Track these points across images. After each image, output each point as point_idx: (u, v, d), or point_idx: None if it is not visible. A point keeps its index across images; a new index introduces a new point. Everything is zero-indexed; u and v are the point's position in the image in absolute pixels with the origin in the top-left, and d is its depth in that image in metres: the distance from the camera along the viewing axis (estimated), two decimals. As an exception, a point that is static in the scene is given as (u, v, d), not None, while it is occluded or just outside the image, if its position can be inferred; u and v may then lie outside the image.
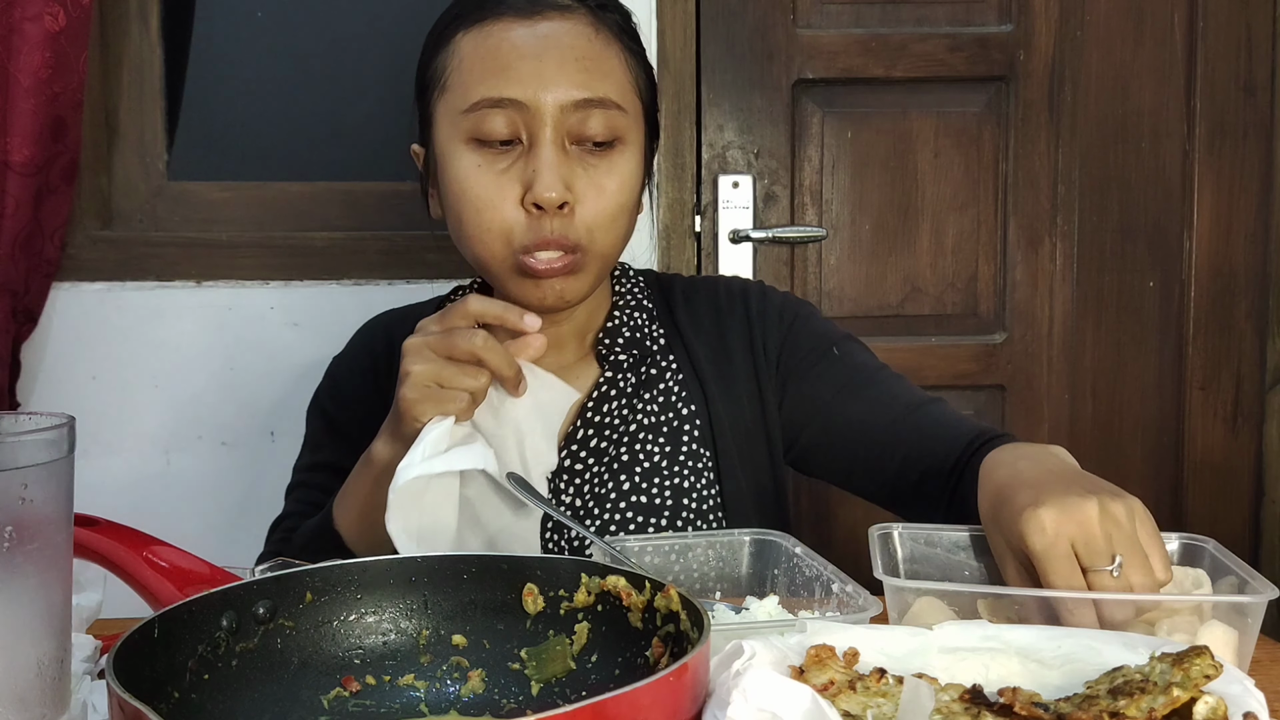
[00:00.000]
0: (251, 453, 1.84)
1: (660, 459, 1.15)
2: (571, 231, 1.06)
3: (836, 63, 1.91)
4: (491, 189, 1.06)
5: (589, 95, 1.06)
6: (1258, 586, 0.77)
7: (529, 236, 1.06)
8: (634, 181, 1.11)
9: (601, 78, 1.07)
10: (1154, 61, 1.94)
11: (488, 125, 1.06)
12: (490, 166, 1.07)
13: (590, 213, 1.07)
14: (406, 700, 0.73)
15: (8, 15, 1.61)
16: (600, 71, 1.07)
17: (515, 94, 1.05)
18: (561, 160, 1.06)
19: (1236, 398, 1.99)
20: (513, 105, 1.05)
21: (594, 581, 0.73)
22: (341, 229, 1.90)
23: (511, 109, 1.05)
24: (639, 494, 1.14)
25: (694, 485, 1.16)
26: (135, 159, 1.90)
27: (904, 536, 0.91)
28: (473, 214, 1.08)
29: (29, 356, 1.77)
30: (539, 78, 1.05)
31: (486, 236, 1.08)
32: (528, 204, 1.05)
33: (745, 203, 1.91)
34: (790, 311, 1.24)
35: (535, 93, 1.05)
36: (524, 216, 1.06)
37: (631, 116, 1.10)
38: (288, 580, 0.72)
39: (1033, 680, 0.68)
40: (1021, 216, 1.94)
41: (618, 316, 1.20)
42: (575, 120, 1.06)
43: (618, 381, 1.17)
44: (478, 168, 1.07)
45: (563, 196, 1.04)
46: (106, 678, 0.56)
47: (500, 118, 1.05)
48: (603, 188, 1.08)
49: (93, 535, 0.82)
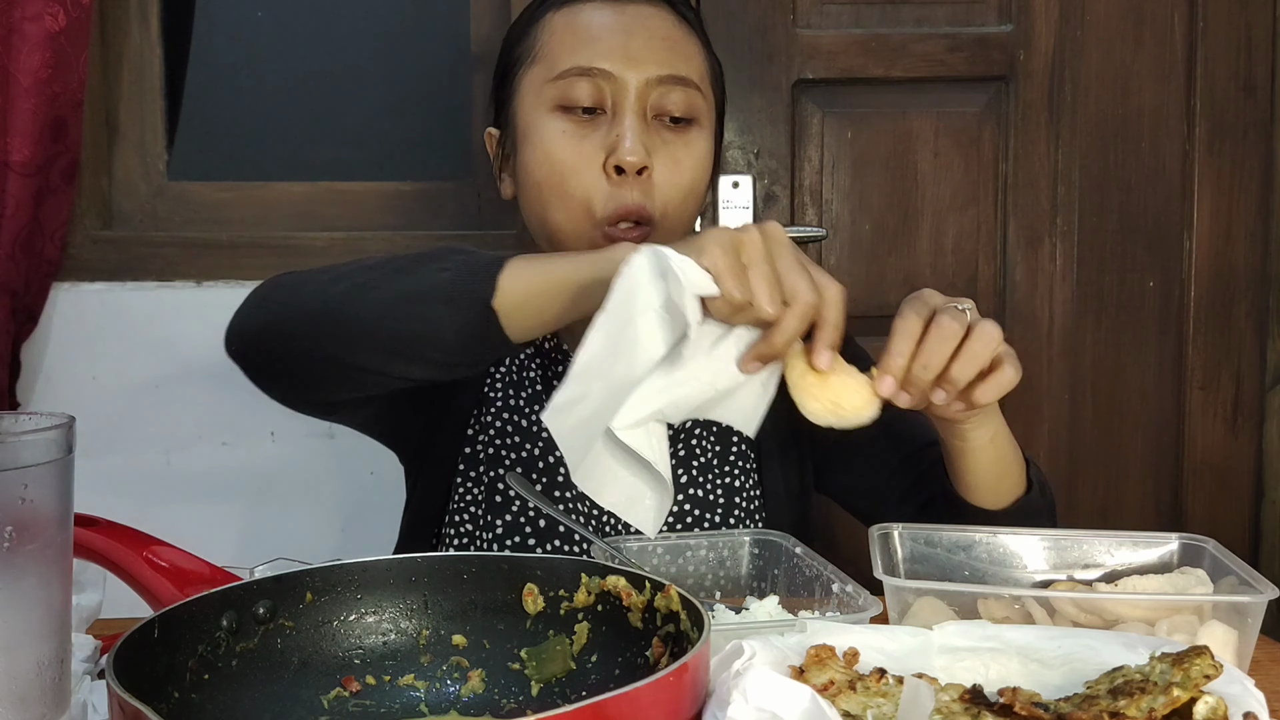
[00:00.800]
0: (251, 453, 1.84)
1: (712, 457, 1.18)
2: (649, 201, 1.09)
3: (836, 63, 1.91)
4: (575, 153, 1.09)
5: (672, 72, 1.10)
6: (1258, 586, 0.77)
7: (610, 205, 1.08)
8: (706, 163, 1.14)
9: (684, 59, 1.12)
10: (1154, 61, 1.94)
11: (575, 91, 1.10)
12: (576, 131, 1.10)
13: (667, 184, 1.10)
14: (406, 700, 0.73)
15: (8, 15, 1.61)
16: (683, 53, 1.13)
17: (603, 64, 1.09)
18: (646, 129, 1.10)
19: (1236, 398, 1.99)
20: (600, 75, 1.09)
21: (594, 581, 0.73)
22: (341, 229, 1.90)
23: (599, 78, 1.09)
24: (695, 487, 1.16)
25: (743, 485, 1.18)
26: (135, 159, 1.90)
27: (904, 536, 0.92)
28: (557, 180, 1.10)
29: (29, 356, 1.77)
30: (626, 51, 1.10)
31: (570, 203, 1.10)
32: (609, 168, 1.08)
33: (745, 203, 1.90)
34: None
35: (622, 65, 1.09)
36: (605, 183, 1.08)
37: (708, 104, 1.15)
38: (288, 580, 0.72)
39: (1033, 680, 0.68)
40: (1021, 216, 1.94)
41: None
42: (657, 95, 1.10)
43: None
44: (563, 133, 1.10)
45: (643, 160, 1.07)
46: (106, 678, 0.56)
47: (588, 85, 1.09)
48: (679, 161, 1.11)
49: (93, 535, 0.82)
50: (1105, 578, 0.89)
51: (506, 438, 1.16)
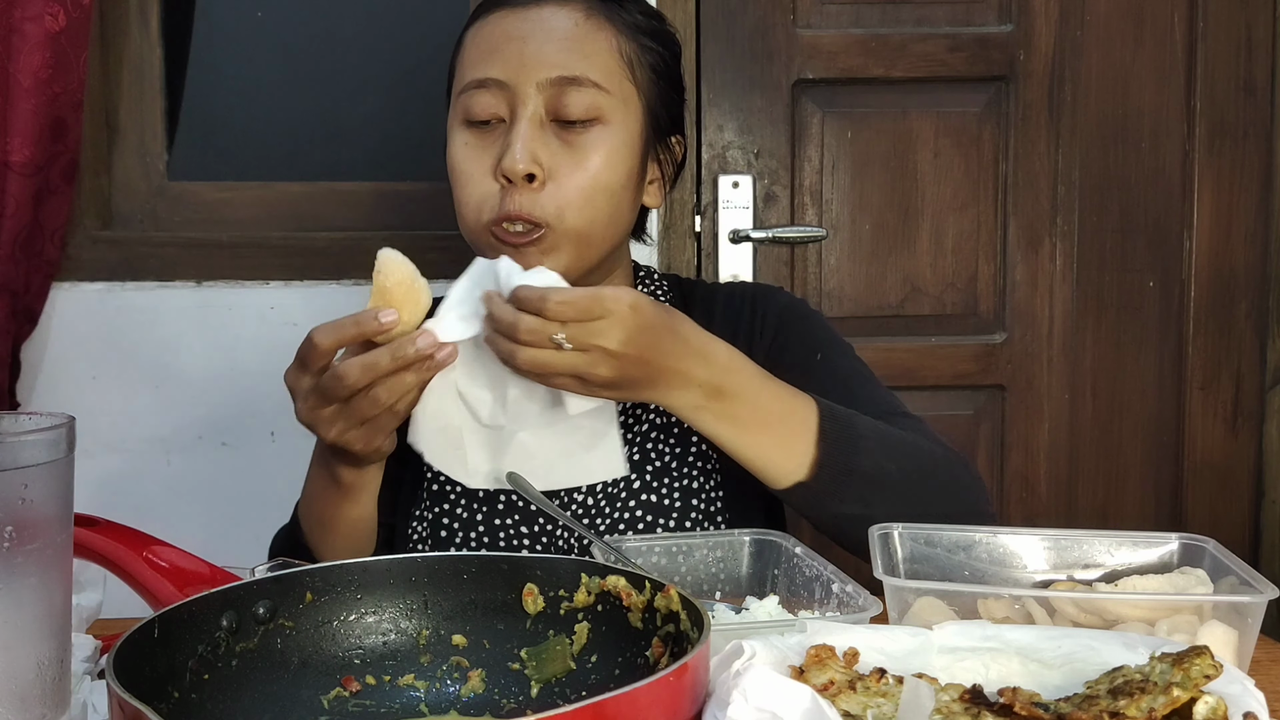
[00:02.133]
0: (251, 453, 1.84)
1: (670, 460, 1.16)
2: (538, 208, 1.07)
3: (836, 63, 1.91)
4: (471, 162, 1.11)
5: (565, 73, 1.09)
6: (1258, 586, 0.77)
7: (497, 209, 1.08)
8: (617, 161, 1.11)
9: (582, 58, 1.10)
10: (1154, 61, 1.94)
11: (474, 105, 1.10)
12: (476, 143, 1.11)
13: (563, 189, 1.08)
14: (406, 700, 0.73)
15: (8, 15, 1.61)
16: (581, 52, 1.10)
17: (497, 74, 1.09)
18: (535, 135, 1.08)
19: (1236, 398, 1.99)
20: (495, 85, 1.09)
21: (594, 581, 0.73)
22: (341, 229, 1.90)
23: (495, 88, 1.09)
24: (649, 493, 1.14)
25: (702, 486, 1.16)
26: (135, 159, 1.90)
27: (904, 536, 0.91)
28: (457, 188, 1.12)
29: (29, 356, 1.77)
30: (520, 58, 1.09)
31: (465, 210, 1.12)
32: (498, 176, 1.08)
33: (745, 203, 1.91)
34: (788, 314, 1.24)
35: (515, 72, 1.09)
36: (496, 189, 1.09)
37: (618, 99, 1.11)
38: (288, 580, 0.72)
39: (1033, 680, 0.68)
40: (1021, 216, 1.94)
41: None
42: (551, 97, 1.09)
43: None
44: (465, 145, 1.12)
45: (529, 168, 1.06)
46: (106, 678, 0.56)
47: (485, 97, 1.10)
48: (578, 163, 1.09)
49: (93, 535, 0.82)
50: (1105, 578, 0.89)
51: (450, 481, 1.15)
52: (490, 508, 1.14)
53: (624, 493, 1.14)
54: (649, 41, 1.16)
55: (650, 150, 1.17)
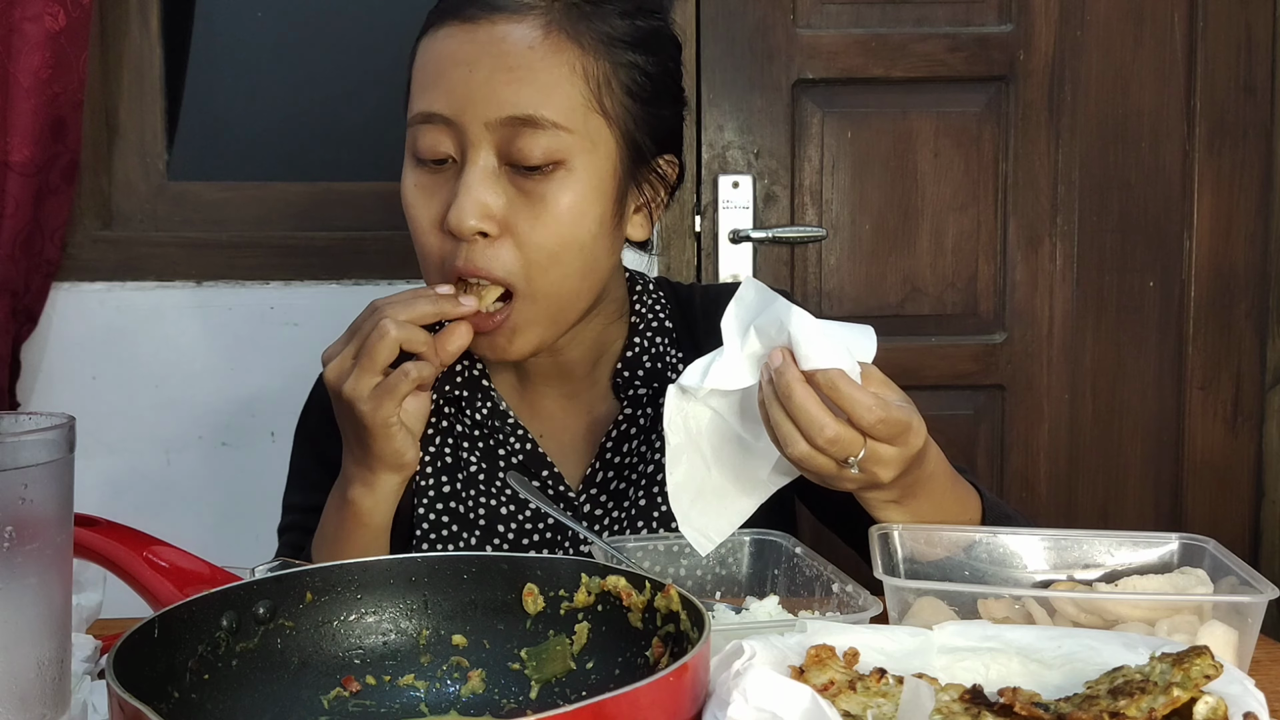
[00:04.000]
0: (251, 453, 1.84)
1: None
2: (498, 264, 0.96)
3: (836, 63, 1.91)
4: (422, 211, 1.00)
5: (517, 112, 0.95)
6: (1258, 586, 0.77)
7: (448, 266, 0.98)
8: (585, 208, 0.98)
9: (536, 90, 0.95)
10: (1154, 61, 1.94)
11: (421, 141, 0.99)
12: (426, 185, 1.01)
13: (525, 247, 0.97)
14: (406, 700, 0.73)
15: (8, 15, 1.61)
16: (536, 82, 0.95)
17: (442, 108, 0.97)
18: (488, 184, 0.96)
19: (1236, 398, 1.99)
20: (441, 121, 0.97)
21: (594, 581, 0.73)
22: (341, 229, 1.90)
23: (441, 125, 0.98)
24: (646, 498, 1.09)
25: None
26: (135, 159, 1.90)
27: (904, 536, 0.91)
28: (413, 235, 1.02)
29: (29, 356, 1.77)
30: (466, 91, 0.96)
31: (425, 261, 1.02)
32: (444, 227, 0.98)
33: (745, 203, 1.91)
34: None
35: (461, 107, 0.96)
36: (449, 244, 0.98)
37: (580, 136, 0.97)
38: (288, 580, 0.72)
39: (1033, 680, 0.68)
40: (1021, 216, 1.94)
41: (638, 344, 1.10)
42: (504, 139, 0.96)
43: (637, 418, 1.09)
44: (415, 187, 1.02)
45: (479, 225, 0.95)
46: (106, 678, 0.56)
47: (432, 133, 0.98)
48: (538, 216, 0.96)
49: (93, 535, 0.82)
50: (1105, 578, 0.89)
51: (442, 528, 1.08)
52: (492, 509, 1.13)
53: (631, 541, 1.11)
54: (628, 55, 1.00)
55: (630, 182, 1.03)
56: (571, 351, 1.09)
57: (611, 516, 1.10)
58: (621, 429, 1.10)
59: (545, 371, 1.11)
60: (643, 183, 1.05)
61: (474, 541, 1.09)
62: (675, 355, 1.12)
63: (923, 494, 0.93)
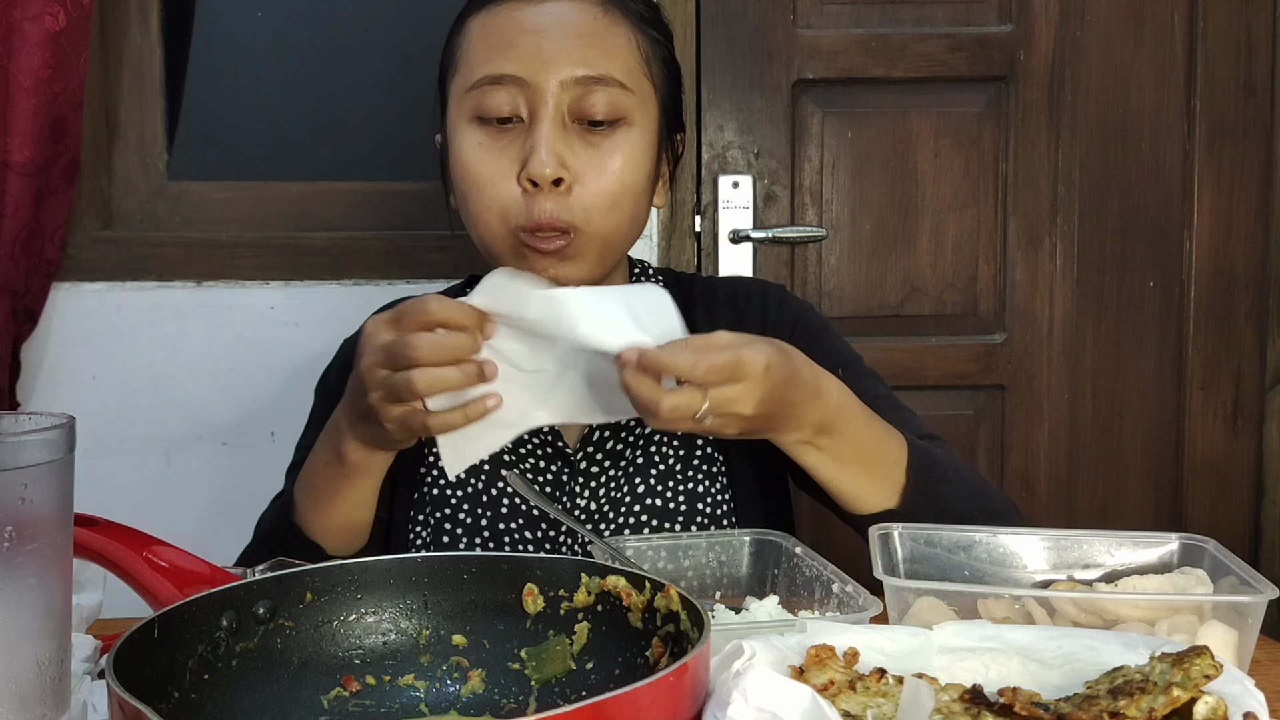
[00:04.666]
0: (251, 453, 1.84)
1: (675, 462, 1.15)
2: (566, 212, 1.05)
3: (836, 63, 1.91)
4: (491, 166, 1.06)
5: (589, 72, 1.05)
6: (1258, 586, 0.77)
7: (525, 216, 1.05)
8: (640, 162, 1.09)
9: (604, 55, 1.07)
10: (1154, 61, 1.94)
11: (489, 101, 1.06)
12: (492, 144, 1.07)
13: (590, 192, 1.06)
14: (406, 700, 0.73)
15: (8, 15, 1.61)
16: (603, 49, 1.07)
17: (515, 70, 1.05)
18: (559, 137, 1.05)
19: (1236, 398, 1.99)
20: (513, 81, 1.05)
21: (594, 581, 0.73)
22: (341, 229, 1.90)
23: (512, 85, 1.05)
24: (654, 497, 1.13)
25: (708, 489, 1.15)
26: (135, 159, 1.90)
27: (904, 536, 0.91)
28: (474, 192, 1.07)
29: (29, 356, 1.77)
30: (539, 54, 1.05)
31: (486, 214, 1.07)
32: (523, 180, 1.04)
33: (745, 203, 1.90)
34: (804, 325, 1.21)
35: (535, 69, 1.05)
36: (521, 194, 1.05)
37: (639, 98, 1.09)
38: (288, 580, 0.72)
39: (1033, 680, 0.68)
40: (1021, 216, 1.94)
41: None
42: (575, 97, 1.05)
43: None
44: (479, 145, 1.07)
45: (557, 173, 1.03)
46: (106, 678, 0.56)
47: (501, 94, 1.06)
48: (603, 166, 1.06)
49: (93, 535, 0.82)
50: (1105, 578, 0.89)
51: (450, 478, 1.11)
52: (494, 511, 1.14)
53: (628, 497, 1.13)
54: (658, 35, 1.14)
55: (663, 148, 1.15)
56: None
57: (609, 474, 1.14)
58: None
59: None
60: (666, 154, 1.17)
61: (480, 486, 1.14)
62: None
63: (836, 432, 0.98)
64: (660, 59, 1.13)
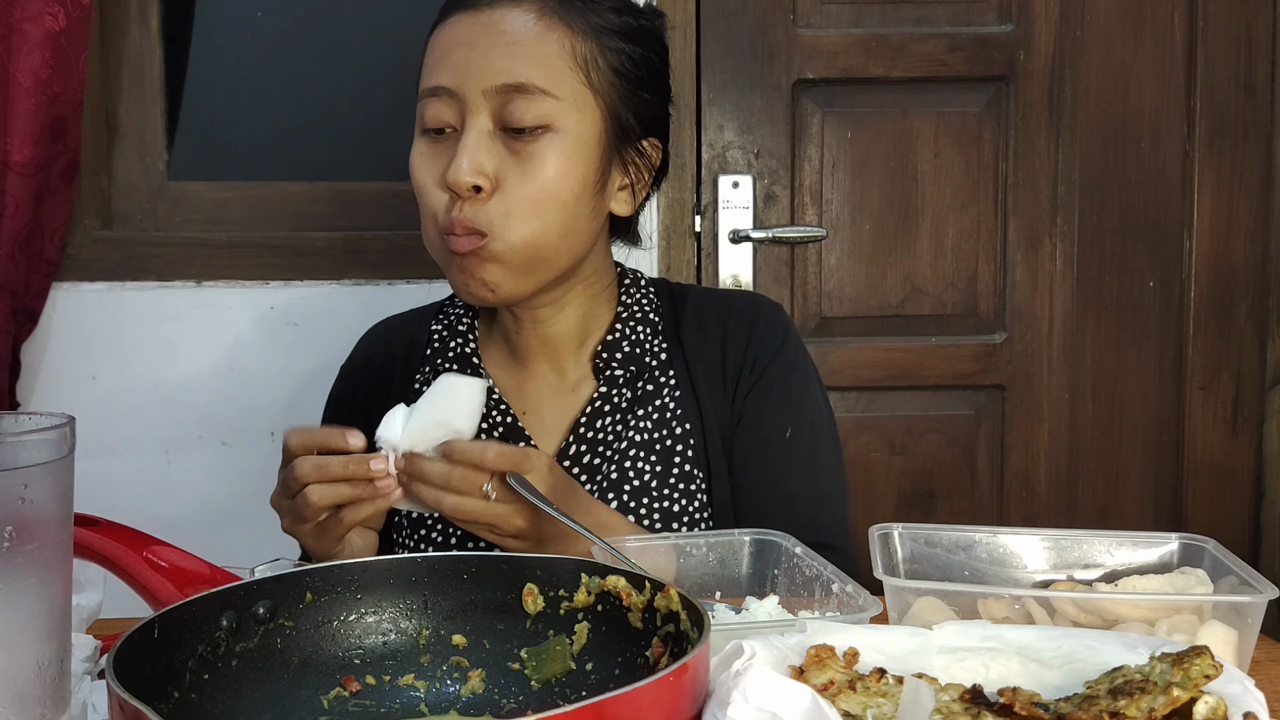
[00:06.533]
0: (251, 453, 1.84)
1: (650, 479, 1.13)
2: (481, 215, 1.06)
3: (836, 63, 1.91)
4: (426, 174, 1.10)
5: (509, 80, 1.06)
6: (1258, 586, 0.77)
7: (445, 219, 1.08)
8: (567, 170, 1.08)
9: (529, 62, 1.07)
10: (1154, 61, 1.94)
11: (428, 113, 1.09)
12: (430, 153, 1.10)
13: (510, 199, 1.07)
14: (406, 700, 0.73)
15: (8, 15, 1.61)
16: (527, 55, 1.07)
17: (447, 81, 1.08)
18: (483, 145, 1.06)
19: (1236, 398, 1.99)
20: (445, 93, 1.08)
21: (594, 581, 0.73)
22: (341, 229, 1.90)
23: (446, 96, 1.08)
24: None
25: (685, 508, 1.14)
26: (135, 159, 1.90)
27: (904, 536, 0.91)
28: (418, 199, 1.11)
29: (29, 356, 1.77)
30: (467, 65, 1.07)
31: (424, 220, 1.11)
32: (444, 187, 1.07)
33: (745, 203, 1.91)
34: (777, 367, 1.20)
35: (463, 79, 1.07)
36: (446, 198, 1.08)
37: (567, 104, 1.08)
38: (288, 580, 0.72)
39: (1033, 680, 0.68)
40: (1021, 216, 1.94)
41: (619, 329, 1.18)
42: (498, 105, 1.07)
43: (612, 397, 1.16)
44: (421, 155, 1.11)
45: (473, 179, 1.05)
46: (106, 678, 0.56)
47: (437, 105, 1.08)
48: (525, 173, 1.07)
49: (93, 535, 0.82)
50: (1105, 578, 0.89)
51: None
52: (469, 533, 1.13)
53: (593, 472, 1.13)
54: (615, 42, 1.11)
55: (614, 155, 1.13)
56: (556, 325, 1.17)
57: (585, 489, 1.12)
58: (596, 406, 1.16)
59: (534, 348, 1.19)
60: (628, 161, 1.15)
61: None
62: (659, 345, 1.19)
63: None
64: (609, 66, 1.11)
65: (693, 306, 1.23)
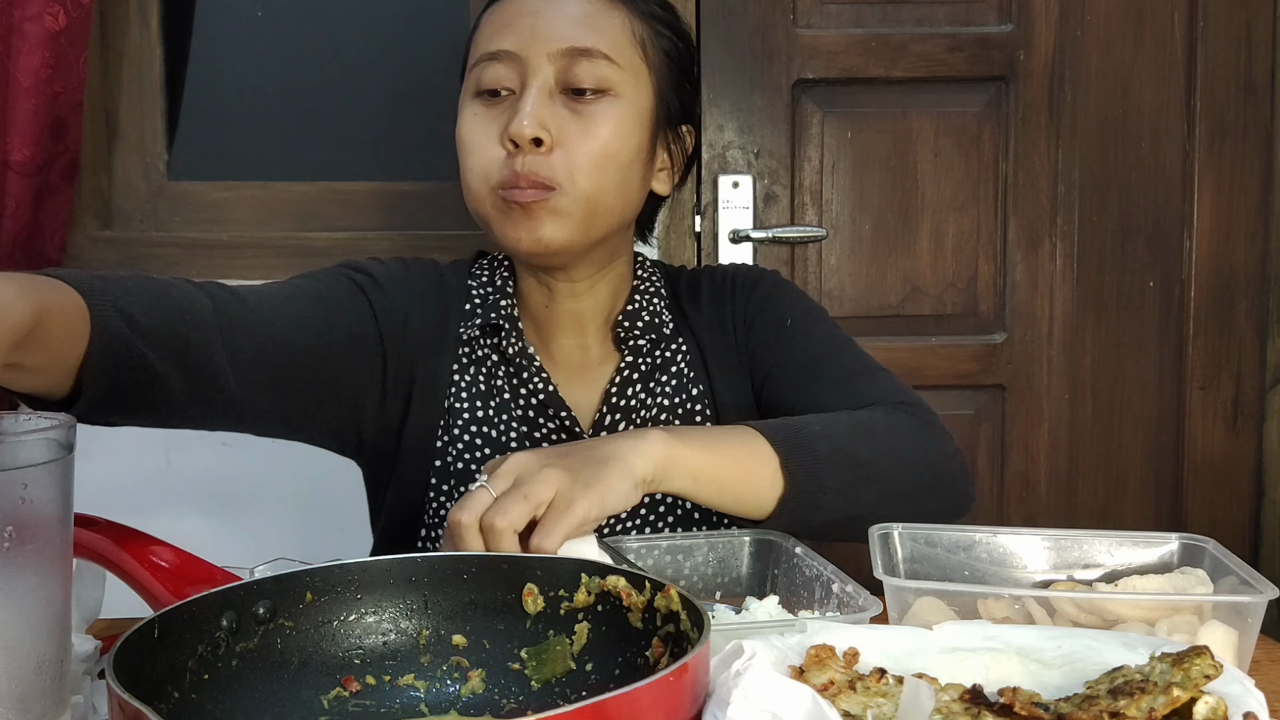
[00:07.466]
0: (251, 453, 1.83)
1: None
2: (545, 168, 1.08)
3: (836, 63, 1.91)
4: (480, 132, 1.12)
5: (575, 45, 1.10)
6: (1258, 586, 0.77)
7: (504, 172, 1.09)
8: (626, 133, 1.12)
9: (593, 31, 1.11)
10: (1154, 61, 1.94)
11: (485, 76, 1.11)
12: (484, 113, 1.12)
13: (572, 154, 1.09)
14: (406, 700, 0.73)
15: (8, 15, 1.61)
16: (592, 25, 1.11)
17: (510, 45, 1.10)
18: (544, 104, 1.09)
19: (1236, 398, 1.99)
20: (507, 56, 1.10)
21: (594, 581, 0.73)
22: (341, 229, 1.90)
23: (506, 60, 1.11)
24: None
25: None
26: (135, 159, 1.90)
27: (904, 536, 0.91)
28: (465, 158, 1.13)
29: (29, 356, 1.77)
30: (533, 31, 1.10)
31: (471, 177, 1.12)
32: (505, 141, 1.09)
33: (745, 203, 1.91)
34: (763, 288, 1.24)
35: (527, 43, 1.10)
36: (503, 155, 1.09)
37: (628, 73, 1.12)
38: (288, 580, 0.72)
39: (1033, 680, 0.68)
40: (1021, 216, 1.94)
41: (638, 300, 1.22)
42: (562, 68, 1.10)
43: (638, 365, 1.19)
44: (474, 116, 1.13)
45: (536, 132, 1.07)
46: (106, 678, 0.56)
47: (496, 68, 1.11)
48: (587, 131, 1.10)
49: (93, 535, 0.82)
50: (1105, 578, 0.89)
51: (476, 450, 1.15)
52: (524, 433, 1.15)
53: None
54: (664, 30, 1.17)
55: (660, 133, 1.18)
56: (588, 300, 1.20)
57: None
58: (624, 374, 1.19)
59: (561, 323, 1.21)
60: (670, 142, 1.20)
61: None
62: (667, 317, 1.23)
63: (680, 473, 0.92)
64: (661, 48, 1.16)
65: (686, 283, 1.28)
